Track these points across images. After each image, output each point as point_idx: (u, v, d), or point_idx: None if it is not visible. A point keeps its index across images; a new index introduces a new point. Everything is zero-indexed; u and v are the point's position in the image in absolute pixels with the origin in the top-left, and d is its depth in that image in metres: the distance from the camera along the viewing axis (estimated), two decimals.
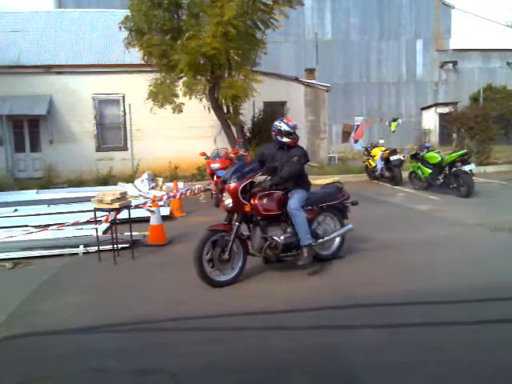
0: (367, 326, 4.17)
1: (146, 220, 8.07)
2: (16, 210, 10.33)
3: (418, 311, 4.52)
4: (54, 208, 10.64)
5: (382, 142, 14.74)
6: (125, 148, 16.69)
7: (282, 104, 17.41)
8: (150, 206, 8.08)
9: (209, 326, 4.35)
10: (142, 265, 6.43)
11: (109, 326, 4.43)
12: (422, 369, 3.43)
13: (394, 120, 20.91)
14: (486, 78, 28.25)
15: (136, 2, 12.81)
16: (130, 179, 14.53)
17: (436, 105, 28.38)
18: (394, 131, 19.95)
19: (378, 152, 13.98)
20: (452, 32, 29.83)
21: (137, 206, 8.21)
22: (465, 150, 11.69)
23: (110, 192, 6.94)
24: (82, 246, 7.07)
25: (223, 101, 13.48)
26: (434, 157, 11.66)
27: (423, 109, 29.32)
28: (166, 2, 12.84)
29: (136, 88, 14.95)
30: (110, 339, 4.20)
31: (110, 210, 6.70)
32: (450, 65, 30.03)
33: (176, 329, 4.34)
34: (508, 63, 29.68)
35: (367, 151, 14.74)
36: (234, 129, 14.88)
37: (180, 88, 13.52)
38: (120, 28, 13.65)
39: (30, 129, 16.47)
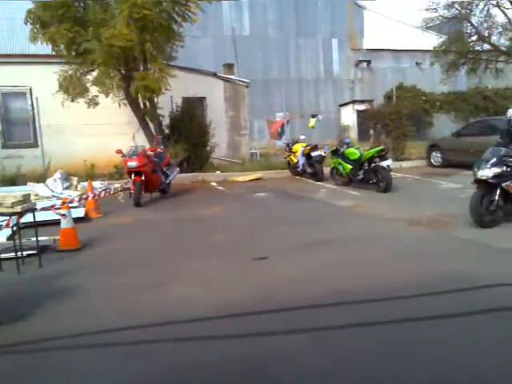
0: (290, 332, 3.97)
1: (59, 223, 7.43)
2: None
3: (339, 312, 4.38)
4: None
5: (303, 137, 14.83)
6: (35, 145, 15.53)
7: (201, 99, 17.03)
8: (60, 208, 7.44)
9: (117, 341, 3.95)
10: (49, 273, 5.85)
11: (9, 345, 3.90)
12: (346, 375, 3.28)
13: (313, 116, 21.24)
14: (398, 77, 29.47)
15: None
16: (41, 178, 13.51)
17: (353, 102, 29.20)
18: (313, 127, 20.23)
19: (299, 148, 14.06)
20: (365, 32, 30.85)
21: (43, 209, 7.54)
22: (382, 147, 12.01)
23: (10, 194, 6.27)
24: None
25: (138, 95, 12.93)
26: (354, 153, 11.85)
27: (341, 105, 30.09)
28: None
29: (44, 80, 13.93)
30: (14, 360, 3.69)
31: (11, 214, 6.03)
32: (364, 64, 31.08)
33: (78, 346, 3.89)
34: (417, 63, 31.22)
35: (289, 147, 14.79)
36: (152, 125, 14.33)
37: (91, 81, 12.81)
38: (25, 23, 12.65)
39: None
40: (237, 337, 3.94)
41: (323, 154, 13.37)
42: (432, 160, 15.99)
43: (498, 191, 6.92)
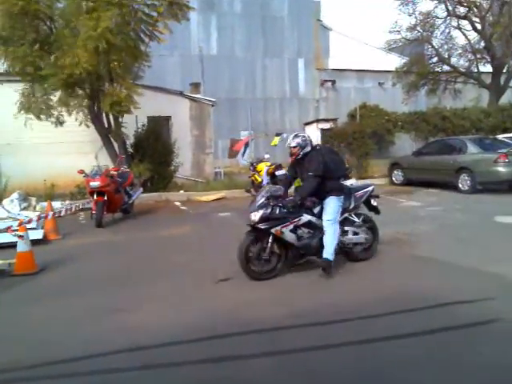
0: (257, 355, 3.97)
1: (15, 245, 7.23)
2: None
3: (302, 334, 4.41)
4: None
5: (267, 156, 14.88)
6: None
7: (167, 119, 17.00)
8: (17, 230, 7.25)
9: (79, 371, 3.84)
10: (5, 299, 5.68)
11: None
12: None
13: (278, 134, 21.40)
14: (362, 96, 30.18)
15: (4, 13, 11.68)
16: None
17: (317, 121, 29.58)
18: (275, 145, 20.36)
19: (263, 167, 14.09)
20: (330, 52, 31.54)
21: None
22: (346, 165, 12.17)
23: None
24: None
25: (105, 111, 12.82)
26: None
27: (306, 124, 30.46)
28: (35, 12, 11.82)
29: (3, 98, 13.64)
30: None
31: None
32: (329, 83, 31.74)
33: (37, 378, 3.77)
34: (380, 83, 32.06)
35: (253, 166, 14.81)
36: (116, 145, 14.18)
37: (54, 100, 12.64)
38: None
39: None
40: (207, 361, 3.91)
41: (287, 174, 13.45)
42: (394, 178, 16.32)
43: (271, 237, 5.88)
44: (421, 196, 13.34)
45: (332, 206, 6.03)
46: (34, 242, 7.49)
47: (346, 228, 6.42)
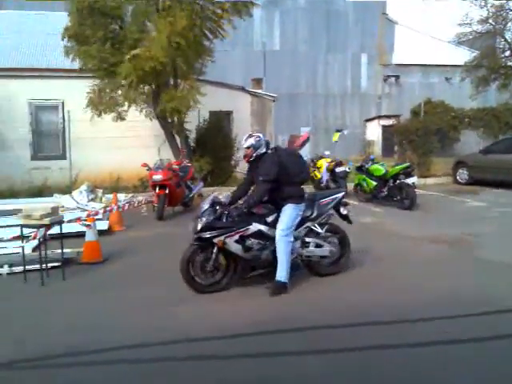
0: (307, 353, 3.96)
1: (83, 235, 7.58)
2: None
3: (362, 333, 4.36)
4: None
5: (327, 153, 14.78)
6: (63, 157, 15.87)
7: (228, 114, 17.18)
8: (86, 220, 7.61)
9: (135, 358, 4.01)
10: (72, 286, 5.97)
11: (30, 360, 3.98)
12: None
13: (338, 131, 21.13)
14: (426, 92, 29.18)
15: (74, 10, 12.21)
16: (67, 190, 13.80)
17: (379, 117, 29.04)
18: (336, 141, 20.12)
19: (323, 163, 13.99)
20: (395, 47, 30.72)
21: (70, 221, 7.70)
22: (408, 163, 11.90)
23: (40, 206, 6.43)
24: (6, 266, 6.51)
25: (165, 112, 13.13)
26: (379, 169, 11.78)
27: (367, 120, 29.95)
28: (104, 10, 12.28)
29: (76, 94, 14.26)
30: (25, 379, 3.76)
31: (39, 226, 6.20)
32: (393, 79, 30.93)
33: (102, 362, 3.95)
34: (446, 78, 30.87)
35: (313, 162, 14.74)
36: (178, 139, 14.50)
37: (120, 95, 13.05)
38: (62, 38, 13.01)
39: None
40: (259, 356, 3.97)
41: (347, 170, 13.31)
42: (458, 177, 15.73)
43: (215, 248, 5.44)
44: (488, 196, 12.79)
45: (288, 214, 5.46)
46: (100, 233, 7.79)
47: (307, 239, 5.83)
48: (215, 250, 5.42)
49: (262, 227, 5.51)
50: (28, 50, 16.56)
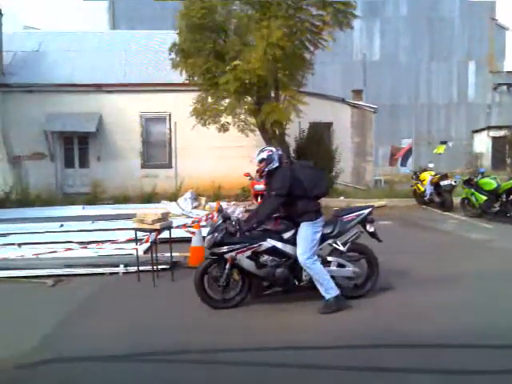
0: (420, 371, 3.82)
1: (188, 240, 7.93)
2: (62, 226, 10.45)
3: (469, 355, 4.12)
4: (98, 224, 10.71)
5: (431, 165, 14.30)
6: (169, 166, 16.79)
7: (329, 125, 17.14)
8: (192, 227, 7.96)
9: (246, 361, 4.10)
10: (181, 288, 6.23)
11: (145, 354, 4.25)
12: None
13: (443, 143, 20.27)
14: None
15: (183, 26, 12.90)
16: (173, 197, 14.55)
17: (489, 128, 27.42)
18: (440, 153, 19.29)
19: (427, 176, 13.52)
20: (506, 53, 28.92)
21: (177, 227, 8.10)
22: None
23: (151, 212, 6.84)
24: (122, 266, 6.99)
25: (265, 125, 13.36)
26: (490, 183, 11.10)
27: (475, 132, 28.40)
28: (211, 26, 12.84)
29: (182, 107, 15.01)
30: (145, 370, 4.01)
31: (151, 231, 6.59)
32: (504, 87, 29.10)
33: (215, 362, 4.10)
34: None
35: (416, 175, 14.28)
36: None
37: (223, 107, 13.51)
38: (169, 52, 13.80)
39: (79, 145, 16.87)
40: (364, 370, 3.89)
41: (454, 184, 12.71)
42: None
43: (228, 264, 5.26)
44: None
45: (304, 236, 5.16)
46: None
47: (329, 258, 5.48)
48: (228, 266, 5.27)
49: (278, 243, 5.29)
50: (139, 66, 17.72)
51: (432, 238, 9.47)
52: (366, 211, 5.68)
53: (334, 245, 5.49)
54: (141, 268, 6.72)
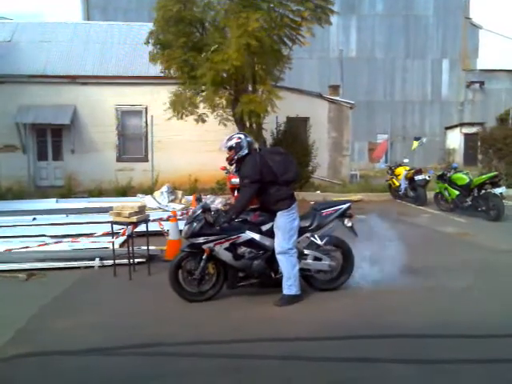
0: (397, 361, 3.88)
1: (163, 234, 7.89)
2: (35, 219, 10.25)
3: (447, 345, 4.20)
4: (72, 218, 10.55)
5: (406, 161, 14.50)
6: (145, 159, 16.62)
7: (305, 120, 17.20)
8: (169, 220, 7.92)
9: (225, 353, 4.09)
10: (158, 282, 6.18)
11: (120, 348, 4.20)
12: None
13: (417, 139, 20.58)
14: None
15: (160, 18, 12.77)
16: (149, 191, 14.42)
17: (461, 125, 27.93)
18: (414, 150, 19.61)
19: (402, 171, 13.72)
20: (479, 52, 29.47)
21: (153, 221, 8.04)
22: (495, 173, 11.35)
23: (128, 205, 6.77)
24: (97, 259, 6.90)
25: (242, 115, 13.34)
26: (462, 178, 11.31)
27: (448, 128, 28.88)
28: (189, 18, 12.74)
29: (159, 100, 14.90)
30: (121, 363, 3.97)
31: (127, 224, 6.53)
32: (477, 85, 29.67)
33: (192, 354, 4.08)
34: None
35: (391, 170, 14.47)
36: (256, 144, 14.68)
37: (200, 99, 13.42)
38: (145, 43, 13.64)
39: (52, 138, 16.53)
40: (346, 360, 3.92)
41: (427, 178, 12.94)
42: None
43: (205, 255, 5.23)
44: None
45: (281, 227, 5.15)
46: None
47: (305, 251, 5.47)
48: (204, 257, 5.22)
49: (256, 236, 5.27)
50: (115, 58, 17.46)
51: (406, 231, 9.59)
52: (345, 206, 5.72)
53: (312, 238, 5.50)
54: (117, 261, 6.64)
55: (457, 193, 11.37)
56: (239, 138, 5.29)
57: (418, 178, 12.97)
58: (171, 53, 13.00)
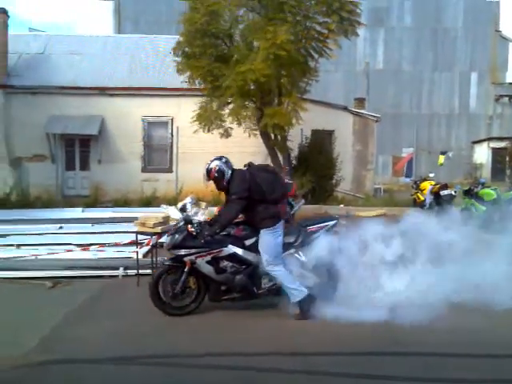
0: (416, 379, 3.82)
1: None
2: (61, 228, 10.45)
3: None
4: (97, 227, 10.71)
5: (431, 175, 14.30)
6: (170, 170, 16.82)
7: (330, 133, 17.18)
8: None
9: (237, 366, 4.09)
10: None
11: (142, 357, 4.25)
12: None
13: (443, 153, 20.33)
14: None
15: (186, 31, 12.97)
16: (173, 201, 14.51)
17: (489, 139, 27.46)
18: (441, 164, 19.36)
19: (427, 185, 13.50)
20: (509, 65, 29.05)
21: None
22: None
23: (153, 215, 6.86)
24: (121, 269, 7.00)
25: (267, 128, 13.38)
26: (490, 194, 11.11)
27: (475, 142, 28.43)
28: (215, 31, 12.90)
29: (185, 111, 15.07)
30: (142, 372, 4.02)
31: (152, 234, 6.61)
32: (506, 98, 29.17)
33: (207, 366, 4.09)
34: None
35: (416, 184, 14.27)
36: (280, 156, 14.71)
37: (227, 113, 13.52)
38: (171, 53, 13.85)
39: (80, 148, 16.89)
40: (363, 377, 3.88)
41: (454, 194, 12.72)
42: None
43: (187, 268, 5.15)
44: None
45: (265, 245, 5.09)
46: None
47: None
48: (186, 270, 5.15)
49: (239, 250, 5.22)
50: (143, 70, 17.76)
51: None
52: (331, 223, 5.67)
53: (296, 255, 5.37)
54: (141, 271, 6.72)
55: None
56: (216, 165, 5.31)
57: (444, 193, 12.75)
58: (197, 63, 13.16)
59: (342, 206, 14.83)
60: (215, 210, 11.30)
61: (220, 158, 5.41)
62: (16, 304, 5.84)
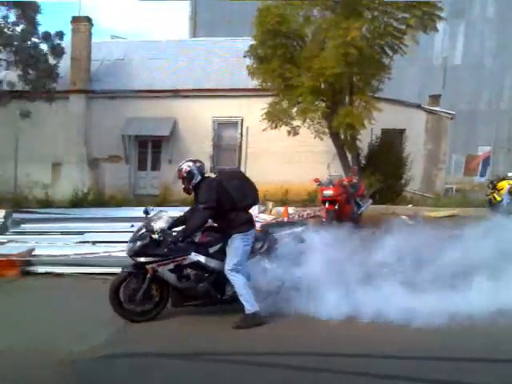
0: None
1: None
2: (132, 226, 10.88)
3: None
4: None
5: (510, 174, 13.52)
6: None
7: (401, 132, 16.71)
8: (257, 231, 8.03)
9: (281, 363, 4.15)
10: None
11: (209, 354, 4.38)
12: None
13: None
14: None
15: (259, 32, 13.14)
16: None
17: None
18: None
19: (505, 185, 12.81)
20: None
21: None
22: None
23: None
24: None
25: (337, 130, 13.25)
26: None
27: None
28: (286, 31, 12.95)
29: (255, 111, 15.22)
30: (206, 368, 4.15)
31: None
32: None
33: (247, 363, 4.21)
34: None
35: (492, 184, 13.55)
36: (349, 156, 14.52)
37: (295, 111, 13.52)
38: (245, 56, 14.10)
39: (152, 149, 17.60)
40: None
41: None
42: None
43: (149, 275, 5.00)
44: None
45: (234, 248, 4.97)
46: None
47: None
48: (148, 277, 5.06)
49: (202, 258, 5.08)
50: (216, 72, 18.13)
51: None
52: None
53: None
54: None
55: None
56: (188, 166, 5.16)
57: None
58: (268, 66, 13.31)
59: (410, 206, 14.40)
60: (282, 209, 11.43)
61: (194, 161, 5.26)
62: (90, 299, 6.01)
